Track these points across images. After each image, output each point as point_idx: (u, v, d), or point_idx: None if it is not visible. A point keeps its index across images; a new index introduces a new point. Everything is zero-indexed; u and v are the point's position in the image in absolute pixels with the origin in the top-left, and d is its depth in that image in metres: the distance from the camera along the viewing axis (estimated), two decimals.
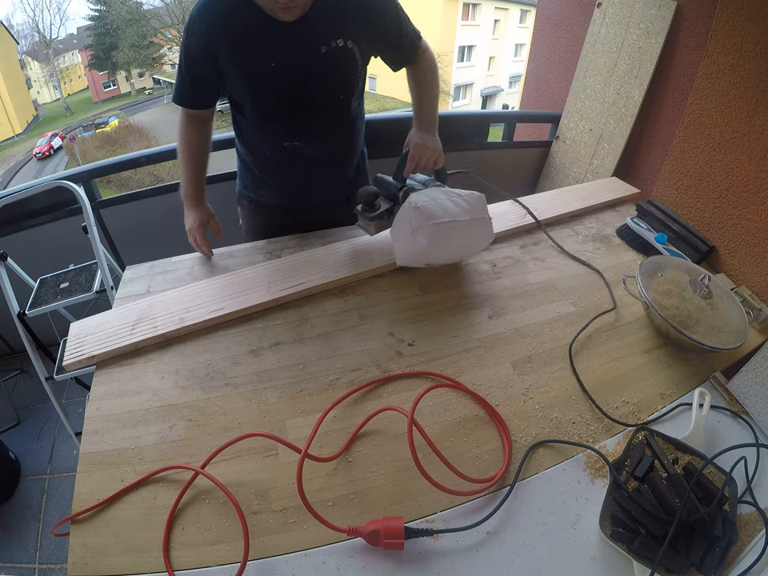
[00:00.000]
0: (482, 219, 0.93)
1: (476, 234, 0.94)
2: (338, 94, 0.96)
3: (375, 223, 0.99)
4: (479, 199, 0.95)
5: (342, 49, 0.88)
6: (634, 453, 0.69)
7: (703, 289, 0.90)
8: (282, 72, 0.88)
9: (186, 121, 0.99)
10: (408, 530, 0.57)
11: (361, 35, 0.89)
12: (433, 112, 1.07)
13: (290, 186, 1.11)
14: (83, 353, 0.81)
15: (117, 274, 1.49)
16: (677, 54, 1.59)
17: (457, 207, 0.91)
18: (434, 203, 0.90)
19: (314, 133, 1.00)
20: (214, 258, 1.06)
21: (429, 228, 0.87)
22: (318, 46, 0.87)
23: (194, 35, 0.85)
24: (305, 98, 0.93)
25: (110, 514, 0.61)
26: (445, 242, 0.90)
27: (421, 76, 1.06)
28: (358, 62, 0.93)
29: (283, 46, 0.85)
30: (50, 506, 1.46)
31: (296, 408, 0.74)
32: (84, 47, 18.43)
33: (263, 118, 0.97)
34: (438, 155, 1.02)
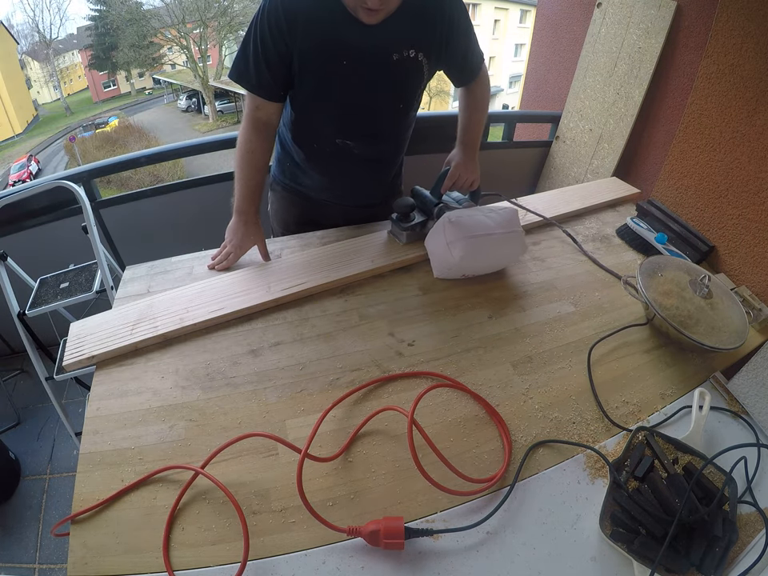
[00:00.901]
0: (514, 232, 0.96)
1: (509, 246, 0.97)
2: (399, 102, 0.98)
3: (407, 233, 1.05)
4: (512, 213, 0.99)
5: (413, 60, 0.90)
6: (634, 453, 0.69)
7: (703, 289, 0.90)
8: (351, 72, 0.89)
9: (252, 127, 0.96)
10: (408, 530, 0.57)
11: (433, 49, 0.91)
12: (477, 136, 1.11)
13: (330, 182, 1.12)
14: (83, 353, 0.81)
15: (117, 274, 1.49)
16: (677, 53, 1.59)
17: (490, 221, 0.95)
18: (468, 218, 0.94)
19: (368, 136, 1.02)
20: None
21: (463, 241, 0.90)
22: (391, 53, 0.88)
23: (273, 19, 0.83)
24: (367, 101, 0.95)
25: (110, 514, 0.61)
26: (479, 255, 0.93)
27: (473, 99, 1.10)
28: (425, 74, 0.95)
29: (357, 47, 0.86)
30: (50, 506, 1.46)
31: (296, 408, 0.74)
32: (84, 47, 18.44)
33: (322, 114, 0.98)
34: (476, 178, 1.07)
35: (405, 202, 1.02)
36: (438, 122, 2.13)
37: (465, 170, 1.04)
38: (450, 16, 0.89)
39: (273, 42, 0.85)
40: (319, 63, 0.88)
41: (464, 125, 1.10)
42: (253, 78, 0.90)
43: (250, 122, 0.95)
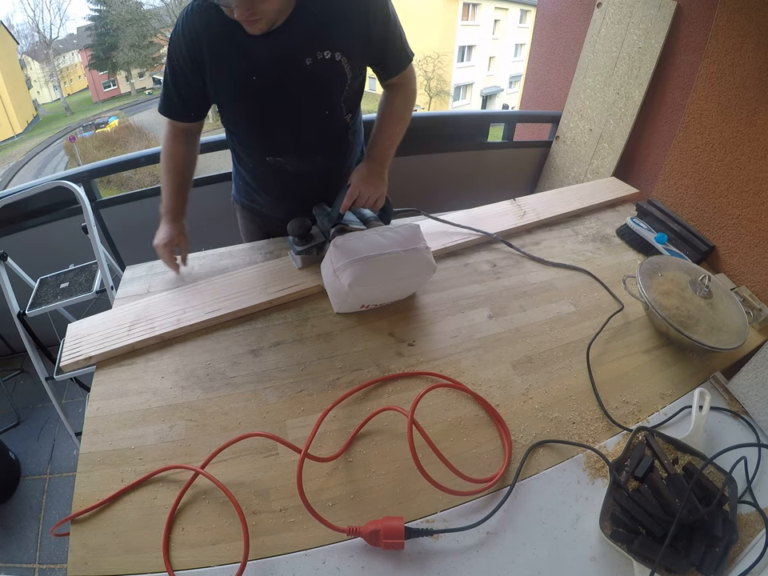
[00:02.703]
0: (415, 249, 0.86)
1: (412, 265, 0.86)
2: (324, 109, 0.91)
3: (302, 257, 0.96)
4: (413, 230, 0.89)
5: (330, 61, 0.83)
6: (634, 453, 0.69)
7: (703, 289, 0.90)
8: (264, 86, 0.84)
9: (171, 134, 0.94)
10: (408, 530, 0.57)
11: (350, 46, 0.84)
12: (388, 150, 0.98)
13: (277, 199, 1.09)
14: (80, 354, 0.81)
15: (117, 274, 1.49)
16: (677, 53, 1.59)
17: (386, 240, 0.85)
18: (357, 240, 0.84)
19: (296, 150, 0.96)
20: (213, 259, 1.06)
21: (351, 266, 0.80)
22: (302, 58, 0.82)
23: (178, 47, 0.82)
24: (288, 113, 0.89)
25: (110, 514, 0.61)
26: (374, 279, 0.82)
27: (390, 106, 0.99)
28: (348, 74, 0.87)
29: (264, 59, 0.81)
30: (50, 506, 1.46)
31: (296, 408, 0.74)
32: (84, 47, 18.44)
33: (246, 132, 0.95)
34: (380, 196, 0.95)
35: (299, 222, 0.93)
36: (438, 122, 2.14)
37: (366, 187, 0.92)
38: (365, 10, 0.82)
39: (179, 68, 0.84)
40: (230, 84, 0.85)
41: (374, 135, 0.98)
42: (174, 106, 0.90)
43: (167, 132, 0.95)
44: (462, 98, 17.62)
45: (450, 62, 16.15)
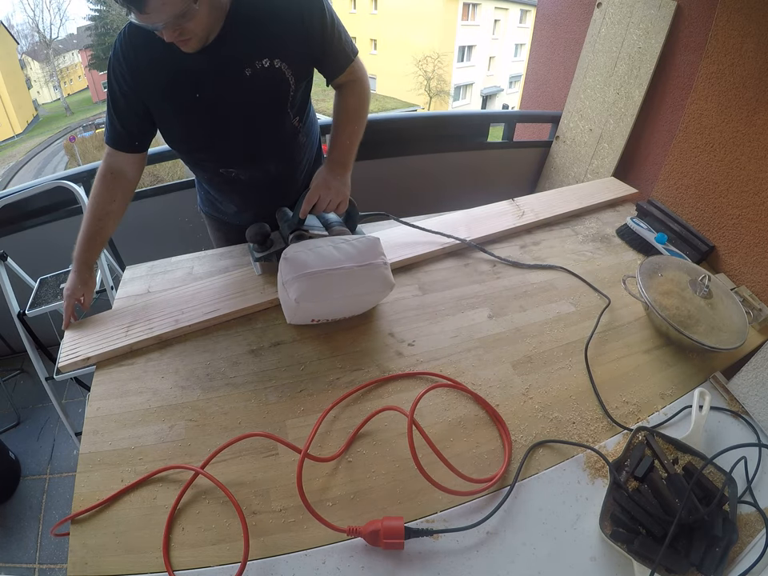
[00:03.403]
0: (371, 265, 0.82)
1: (365, 282, 0.82)
2: (270, 118, 0.89)
3: (261, 264, 0.94)
4: (371, 243, 0.85)
5: (269, 69, 0.81)
6: (634, 453, 0.69)
7: (703, 289, 0.90)
8: (208, 102, 0.82)
9: (101, 174, 0.88)
10: (408, 530, 0.57)
11: (288, 52, 0.82)
12: (348, 150, 0.94)
13: (238, 207, 1.08)
14: (79, 354, 0.81)
15: (117, 274, 1.49)
16: (677, 53, 1.59)
17: (340, 254, 0.82)
18: (308, 252, 0.81)
19: (245, 160, 0.94)
20: (212, 259, 1.06)
21: (299, 280, 0.78)
22: (242, 69, 0.80)
23: (118, 72, 0.80)
24: (234, 126, 0.87)
25: (109, 513, 0.61)
26: (324, 294, 0.79)
27: (344, 105, 0.95)
28: (290, 80, 0.85)
29: (204, 75, 0.80)
30: (50, 506, 1.46)
31: (296, 408, 0.74)
32: (84, 47, 18.45)
33: (193, 149, 0.94)
34: (342, 200, 0.91)
35: (257, 228, 0.91)
36: (438, 122, 2.14)
37: (327, 191, 0.88)
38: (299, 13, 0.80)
39: (121, 95, 0.81)
40: (173, 104, 0.83)
41: (333, 138, 0.94)
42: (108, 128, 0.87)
43: (101, 168, 0.89)
44: (461, 98, 17.62)
45: (449, 62, 16.16)
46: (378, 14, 16.66)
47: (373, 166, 1.88)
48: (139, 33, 0.76)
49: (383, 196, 1.95)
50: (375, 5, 16.69)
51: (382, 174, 1.92)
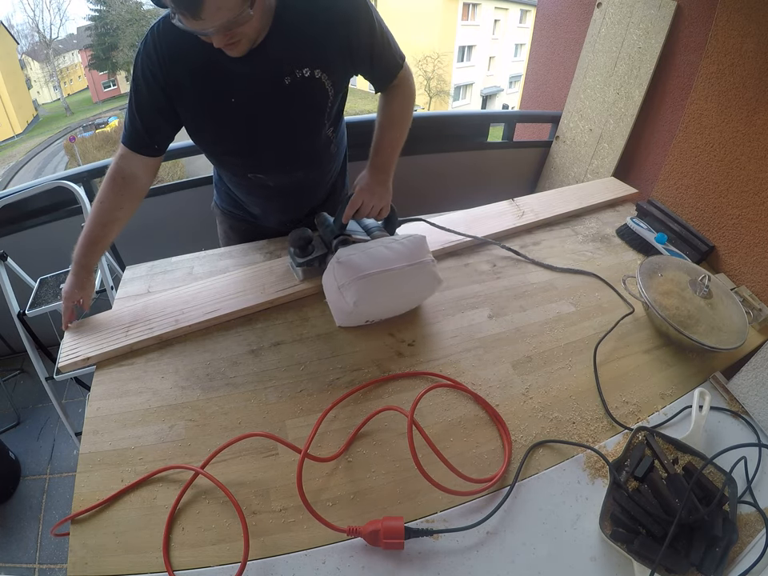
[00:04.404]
0: (421, 263, 0.83)
1: (417, 279, 0.84)
2: (306, 128, 0.88)
3: (303, 269, 0.93)
4: (418, 242, 0.86)
5: (309, 79, 0.80)
6: (634, 453, 0.69)
7: (703, 289, 0.90)
8: (243, 108, 0.81)
9: (111, 178, 0.84)
10: (408, 530, 0.57)
11: (331, 63, 0.80)
12: (391, 157, 0.93)
13: (260, 210, 1.08)
14: (79, 354, 0.81)
15: (117, 274, 1.49)
16: (677, 53, 1.59)
17: (392, 253, 0.82)
18: (361, 254, 0.81)
19: (277, 167, 0.94)
20: (212, 259, 1.06)
21: (356, 283, 0.78)
22: (281, 77, 0.78)
23: (147, 70, 0.76)
24: (268, 133, 0.85)
25: (110, 513, 0.61)
26: (379, 295, 0.81)
27: (389, 113, 0.94)
28: (329, 91, 0.83)
29: (242, 80, 0.78)
30: (50, 506, 1.46)
31: (296, 408, 0.74)
32: (84, 47, 18.45)
33: (222, 152, 0.93)
34: (385, 206, 0.91)
35: (300, 233, 0.89)
36: (438, 122, 2.14)
37: (370, 197, 0.88)
38: (346, 22, 0.77)
39: (147, 90, 0.78)
40: (207, 107, 0.81)
41: (376, 143, 0.93)
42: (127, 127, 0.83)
43: (111, 170, 0.85)
44: (462, 98, 17.62)
45: (450, 62, 16.16)
46: None
47: None
48: (173, 31, 0.70)
49: None
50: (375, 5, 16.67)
51: None
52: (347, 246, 0.85)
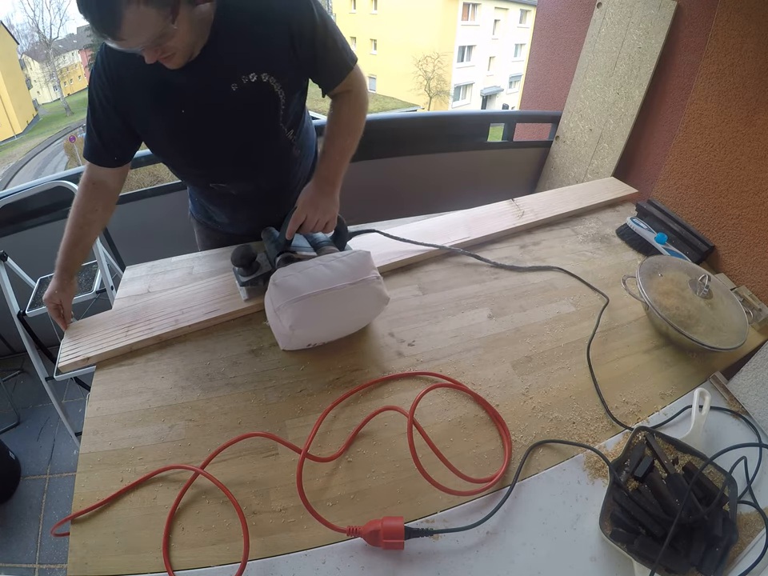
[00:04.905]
0: (364, 281, 0.78)
1: (361, 298, 0.80)
2: (260, 133, 0.86)
3: (248, 289, 0.90)
4: (361, 258, 0.82)
5: (257, 84, 0.78)
6: (634, 453, 0.69)
7: (703, 289, 0.90)
8: (194, 118, 0.80)
9: (82, 184, 0.87)
10: (408, 530, 0.57)
11: (276, 64, 0.78)
12: (338, 167, 0.88)
13: (228, 220, 1.07)
14: (79, 354, 0.81)
15: (117, 274, 1.49)
16: (677, 53, 1.59)
17: (332, 272, 0.78)
18: (299, 275, 0.77)
19: (236, 176, 0.92)
20: (213, 259, 1.06)
21: (291, 306, 0.74)
22: (228, 84, 0.77)
23: (99, 86, 0.77)
24: (222, 141, 0.85)
25: (109, 513, 0.61)
26: (318, 317, 0.77)
27: (338, 118, 0.90)
28: (279, 94, 0.81)
29: (189, 91, 0.77)
30: (50, 506, 1.46)
31: (296, 408, 0.74)
32: (84, 47, 18.45)
33: (183, 164, 0.92)
34: (331, 219, 0.86)
35: (243, 251, 0.86)
36: (438, 122, 2.14)
37: (314, 211, 0.83)
38: (287, 18, 0.75)
39: (101, 109, 0.79)
40: (159, 119, 0.81)
41: (322, 151, 0.89)
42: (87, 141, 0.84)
43: (83, 178, 0.87)
44: (462, 98, 17.62)
45: (449, 62, 16.16)
46: (377, 14, 16.66)
47: (372, 166, 1.88)
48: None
49: (382, 196, 1.96)
50: (375, 5, 16.69)
51: (382, 174, 1.92)
52: (286, 266, 0.81)
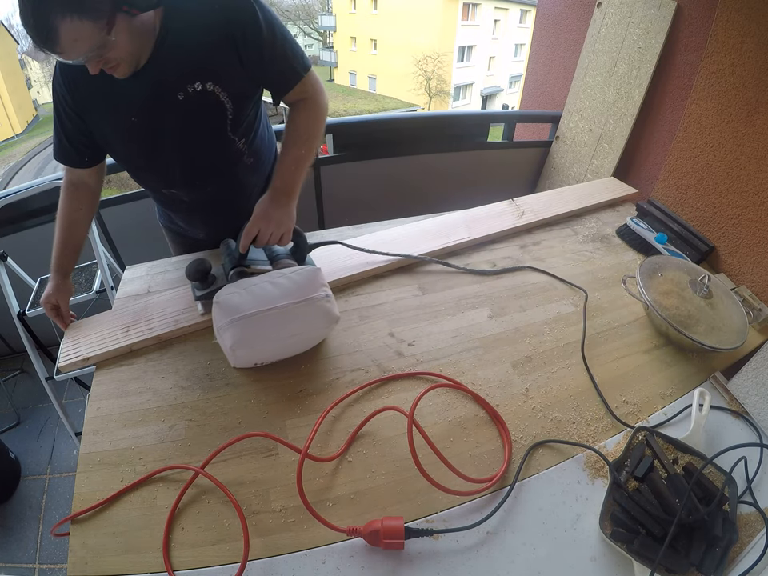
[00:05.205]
0: (310, 300, 0.75)
1: (307, 317, 0.76)
2: (206, 141, 0.86)
3: (203, 303, 0.87)
4: (310, 275, 0.79)
5: (202, 93, 0.77)
6: (634, 453, 0.69)
7: (703, 289, 0.90)
8: (144, 126, 0.81)
9: (63, 186, 0.90)
10: (408, 530, 0.57)
11: (221, 73, 0.78)
12: (293, 177, 0.85)
13: (186, 225, 1.07)
14: (79, 354, 0.81)
15: (117, 274, 1.49)
16: (677, 53, 1.59)
17: (277, 290, 0.75)
18: (243, 293, 0.75)
19: (185, 183, 0.92)
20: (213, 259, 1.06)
21: (232, 326, 0.72)
22: (174, 94, 0.77)
23: (59, 91, 0.79)
24: (170, 149, 0.85)
25: (109, 513, 0.61)
26: (260, 337, 0.74)
27: (293, 126, 0.87)
28: (225, 104, 0.80)
29: (138, 99, 0.78)
30: (50, 506, 1.46)
31: (296, 408, 0.74)
32: None
33: (136, 169, 0.93)
34: (285, 232, 0.83)
35: (197, 265, 0.83)
36: (438, 122, 2.14)
37: (267, 224, 0.81)
38: (229, 22, 0.74)
39: (65, 115, 0.81)
40: (111, 126, 0.82)
41: (278, 161, 0.87)
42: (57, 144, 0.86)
43: (63, 181, 0.90)
44: (461, 98, 17.62)
45: (450, 62, 16.16)
46: (378, 14, 16.67)
47: (372, 166, 1.88)
48: None
49: (382, 196, 1.96)
50: (375, 5, 16.69)
51: (382, 174, 1.92)
52: (233, 283, 0.79)
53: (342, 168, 1.83)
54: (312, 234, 1.14)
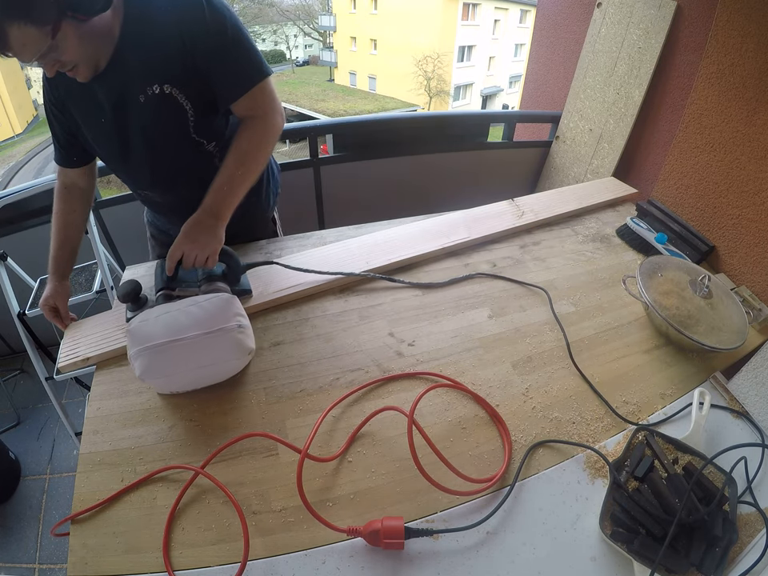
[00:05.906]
0: (221, 330, 0.72)
1: (217, 349, 0.73)
2: (172, 144, 0.85)
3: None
4: (223, 304, 0.76)
5: (160, 96, 0.77)
6: (634, 453, 0.69)
7: (703, 289, 0.90)
8: (111, 128, 0.82)
9: (56, 189, 0.92)
10: (408, 530, 0.57)
11: (177, 75, 0.77)
12: (226, 199, 0.82)
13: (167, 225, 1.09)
14: (78, 354, 0.81)
15: (117, 274, 1.49)
16: (677, 53, 1.59)
17: (188, 319, 0.73)
18: (155, 321, 0.73)
19: (155, 185, 0.93)
20: None
21: (140, 354, 0.70)
22: (136, 96, 0.77)
23: (46, 92, 0.83)
24: (137, 151, 0.85)
25: (109, 513, 0.61)
26: (169, 368, 0.71)
27: (236, 144, 0.83)
28: (185, 106, 0.79)
29: (104, 102, 0.79)
30: (50, 506, 1.46)
31: (296, 408, 0.74)
32: None
33: (114, 170, 0.96)
34: (211, 255, 0.80)
35: (126, 287, 0.81)
36: (438, 122, 2.14)
37: (191, 247, 0.78)
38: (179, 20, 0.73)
39: (54, 117, 0.85)
40: (86, 128, 0.85)
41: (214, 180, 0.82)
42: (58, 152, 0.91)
43: (56, 185, 0.93)
44: (461, 98, 17.62)
45: (449, 62, 16.16)
46: (377, 14, 16.67)
47: (372, 166, 1.88)
48: None
49: (382, 196, 1.96)
50: (375, 5, 16.69)
51: (382, 174, 1.92)
52: (149, 309, 0.77)
53: (342, 168, 1.83)
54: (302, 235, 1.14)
